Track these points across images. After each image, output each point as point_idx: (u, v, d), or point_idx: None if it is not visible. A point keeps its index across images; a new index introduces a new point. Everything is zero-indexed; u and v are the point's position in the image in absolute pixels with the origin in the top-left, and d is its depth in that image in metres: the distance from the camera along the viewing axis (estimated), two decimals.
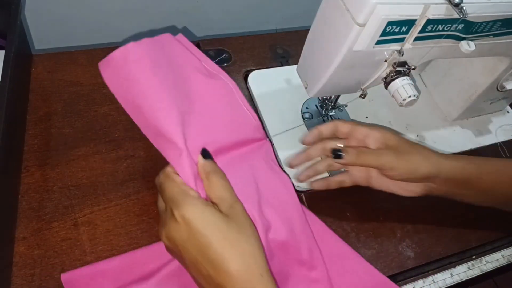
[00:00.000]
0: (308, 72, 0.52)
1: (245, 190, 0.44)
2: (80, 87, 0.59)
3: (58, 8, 0.71)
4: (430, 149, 0.50)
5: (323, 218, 0.54)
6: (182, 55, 0.49)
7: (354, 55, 0.44)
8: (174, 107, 0.41)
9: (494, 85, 0.62)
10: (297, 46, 0.72)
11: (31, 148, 0.52)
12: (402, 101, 0.47)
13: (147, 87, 0.41)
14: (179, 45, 0.49)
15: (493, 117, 0.72)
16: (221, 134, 0.47)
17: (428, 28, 0.43)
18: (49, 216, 0.47)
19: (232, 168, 0.45)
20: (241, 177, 0.46)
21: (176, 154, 0.41)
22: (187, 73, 0.47)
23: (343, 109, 0.64)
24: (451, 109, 0.68)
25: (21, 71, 0.56)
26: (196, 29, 0.86)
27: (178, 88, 0.44)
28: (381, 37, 0.42)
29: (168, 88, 0.42)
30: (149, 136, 0.43)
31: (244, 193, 0.42)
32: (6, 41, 0.50)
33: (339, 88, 0.53)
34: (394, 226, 0.56)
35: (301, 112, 0.63)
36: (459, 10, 0.41)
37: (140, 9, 0.77)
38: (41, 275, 0.44)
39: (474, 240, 0.57)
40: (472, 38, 0.48)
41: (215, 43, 0.70)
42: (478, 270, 0.55)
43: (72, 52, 0.63)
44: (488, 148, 0.68)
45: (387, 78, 0.48)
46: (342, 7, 0.41)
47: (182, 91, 0.45)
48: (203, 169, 0.42)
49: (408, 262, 0.53)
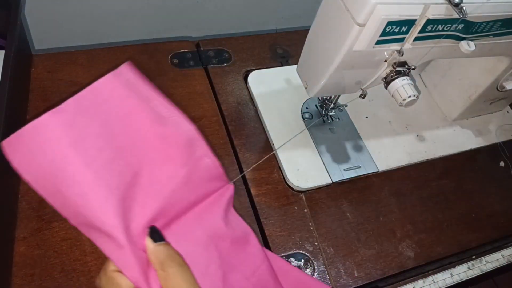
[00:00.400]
0: (308, 72, 0.52)
1: (207, 264, 0.38)
2: (80, 87, 0.59)
3: (58, 8, 0.71)
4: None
5: (323, 218, 0.54)
6: (128, 100, 0.38)
7: (354, 55, 0.44)
8: (109, 190, 0.33)
9: (494, 85, 0.62)
10: (297, 46, 0.72)
11: None
12: (402, 101, 0.47)
13: (70, 173, 0.32)
14: (124, 87, 0.38)
15: (493, 117, 0.72)
16: (176, 195, 0.39)
17: (428, 28, 0.43)
18: (49, 216, 0.47)
19: (189, 235, 0.39)
20: (199, 244, 0.39)
21: (116, 247, 0.33)
22: (134, 124, 0.38)
23: (343, 109, 0.64)
24: (451, 109, 0.68)
25: (21, 71, 0.56)
26: (196, 29, 0.86)
27: (118, 152, 0.36)
28: (381, 37, 0.42)
29: (102, 163, 0.34)
30: (79, 227, 0.35)
31: (206, 267, 0.37)
32: (6, 41, 0.50)
33: (339, 88, 0.52)
34: (394, 226, 0.56)
35: (301, 112, 0.63)
36: (459, 10, 0.41)
37: (140, 9, 0.77)
38: (41, 275, 0.44)
39: (474, 240, 0.57)
40: (472, 38, 0.48)
41: (215, 43, 0.70)
42: (478, 270, 0.55)
43: (72, 52, 0.63)
44: (488, 148, 0.68)
45: (387, 78, 0.48)
46: (342, 7, 0.41)
47: (124, 156, 0.36)
48: (155, 256, 0.33)
49: (408, 262, 0.53)
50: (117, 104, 0.37)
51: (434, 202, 0.60)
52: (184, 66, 0.66)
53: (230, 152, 0.58)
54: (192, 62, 0.66)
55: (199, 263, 0.37)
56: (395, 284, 0.52)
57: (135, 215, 0.34)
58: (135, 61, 0.70)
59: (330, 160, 0.58)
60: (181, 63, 0.66)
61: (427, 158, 0.63)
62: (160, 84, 0.62)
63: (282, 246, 0.51)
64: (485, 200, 0.62)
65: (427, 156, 0.63)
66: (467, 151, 0.66)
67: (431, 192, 0.61)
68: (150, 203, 0.36)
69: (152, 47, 0.67)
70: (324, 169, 0.57)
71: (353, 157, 0.60)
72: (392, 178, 0.60)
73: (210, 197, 0.42)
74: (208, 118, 0.60)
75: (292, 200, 0.55)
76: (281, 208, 0.53)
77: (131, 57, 0.64)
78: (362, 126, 0.64)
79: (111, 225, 0.32)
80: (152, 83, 0.39)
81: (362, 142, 0.62)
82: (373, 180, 0.60)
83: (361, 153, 0.61)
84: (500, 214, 0.61)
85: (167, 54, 0.66)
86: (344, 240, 0.53)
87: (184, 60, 0.66)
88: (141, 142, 0.38)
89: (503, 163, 0.67)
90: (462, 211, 0.60)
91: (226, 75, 0.66)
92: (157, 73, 0.64)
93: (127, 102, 0.37)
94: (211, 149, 0.41)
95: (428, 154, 0.64)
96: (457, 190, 0.62)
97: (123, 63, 0.38)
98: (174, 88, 0.62)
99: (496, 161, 0.67)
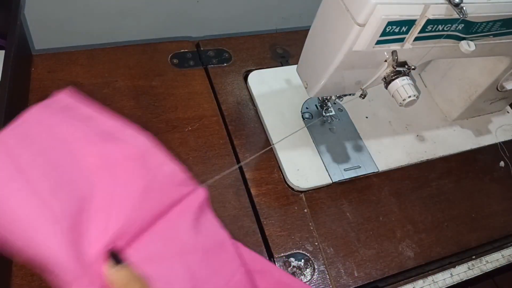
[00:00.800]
0: (308, 72, 0.52)
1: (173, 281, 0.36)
2: (80, 87, 0.59)
3: (58, 8, 0.71)
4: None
5: (323, 218, 0.54)
6: (64, 126, 0.37)
7: (354, 55, 0.44)
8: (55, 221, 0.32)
9: (494, 85, 0.62)
10: (297, 46, 0.72)
11: None
12: (402, 101, 0.47)
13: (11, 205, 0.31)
14: (58, 114, 0.38)
15: (493, 117, 0.72)
16: (137, 210, 0.37)
17: (428, 28, 0.43)
18: None
19: (154, 251, 0.37)
20: (165, 260, 0.38)
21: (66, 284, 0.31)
22: (74, 149, 0.37)
23: (343, 109, 0.64)
24: (451, 109, 0.68)
25: (21, 71, 0.56)
26: (196, 29, 0.86)
27: (61, 180, 0.34)
28: (381, 37, 0.42)
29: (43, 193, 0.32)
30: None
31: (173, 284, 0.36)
32: (6, 41, 0.50)
33: (339, 88, 0.52)
34: (394, 226, 0.56)
35: (301, 112, 0.63)
36: (459, 10, 0.41)
37: (140, 9, 0.77)
38: (41, 275, 0.43)
39: (474, 240, 0.57)
40: (472, 38, 0.48)
41: (215, 43, 0.70)
42: (478, 270, 0.55)
43: (72, 52, 0.63)
44: (488, 148, 0.68)
45: (387, 78, 0.48)
46: (342, 7, 0.41)
47: (68, 183, 0.35)
48: (115, 283, 0.32)
49: (408, 262, 0.53)
50: (52, 132, 0.36)
51: (434, 202, 0.60)
52: (184, 66, 0.66)
53: (230, 152, 0.58)
54: (192, 62, 0.66)
55: (166, 281, 0.36)
56: (395, 284, 0.52)
57: (90, 241, 0.33)
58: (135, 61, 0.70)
59: (330, 160, 0.58)
60: (181, 63, 0.66)
61: (427, 158, 0.63)
62: (160, 84, 0.63)
63: (282, 246, 0.51)
64: (485, 200, 0.62)
65: (427, 156, 0.63)
66: (467, 151, 0.66)
67: (431, 192, 0.61)
68: (108, 225, 0.35)
69: (152, 47, 0.67)
70: (324, 169, 0.57)
71: (353, 157, 0.60)
72: (392, 178, 0.60)
73: (177, 206, 0.41)
74: (208, 118, 0.60)
75: (292, 200, 0.55)
76: (281, 208, 0.53)
77: (131, 57, 0.65)
78: (362, 126, 0.64)
79: (58, 258, 0.30)
80: (99, 103, 0.38)
81: (362, 142, 0.62)
82: (373, 180, 0.60)
83: (361, 153, 0.61)
84: (500, 214, 0.61)
85: (167, 54, 0.66)
86: (344, 240, 0.53)
87: (184, 60, 0.66)
88: (85, 165, 0.36)
89: (503, 163, 0.67)
90: (462, 211, 0.60)
91: (226, 75, 0.66)
92: (157, 73, 0.64)
93: (62, 128, 0.37)
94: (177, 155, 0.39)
95: (428, 154, 0.64)
96: (457, 190, 0.62)
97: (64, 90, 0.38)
98: (174, 88, 0.62)
99: (496, 161, 0.67)
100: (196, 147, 0.57)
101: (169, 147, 0.55)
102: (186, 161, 0.55)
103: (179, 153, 0.56)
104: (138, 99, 0.60)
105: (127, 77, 0.62)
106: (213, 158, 0.56)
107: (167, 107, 0.60)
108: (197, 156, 0.56)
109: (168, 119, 0.59)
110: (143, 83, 0.62)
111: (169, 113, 0.60)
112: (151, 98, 0.60)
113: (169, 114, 0.59)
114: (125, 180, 0.37)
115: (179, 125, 0.59)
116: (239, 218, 0.52)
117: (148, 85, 0.62)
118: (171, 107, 0.60)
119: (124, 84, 0.61)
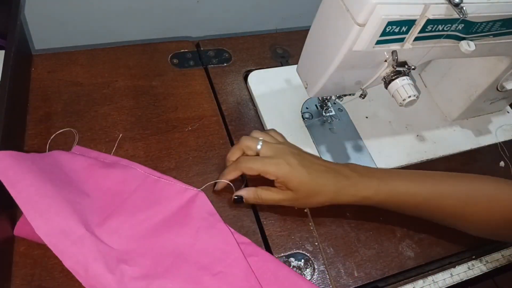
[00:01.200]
0: (308, 72, 0.52)
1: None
2: (80, 87, 0.59)
3: (58, 8, 0.72)
4: (358, 174, 0.50)
5: (323, 218, 0.54)
6: (70, 163, 0.48)
7: (354, 55, 0.44)
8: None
9: (494, 85, 0.62)
10: (297, 46, 0.72)
11: (31, 148, 0.52)
12: (402, 101, 0.47)
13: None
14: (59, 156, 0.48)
15: (493, 117, 0.72)
16: (144, 223, 0.46)
17: (428, 28, 0.43)
18: None
19: (166, 257, 0.44)
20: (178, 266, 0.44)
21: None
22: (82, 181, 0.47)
23: (343, 109, 0.64)
24: (451, 109, 0.68)
25: (21, 71, 0.56)
26: (196, 29, 0.86)
27: (76, 203, 0.43)
28: (381, 37, 0.42)
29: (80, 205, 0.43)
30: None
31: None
32: (6, 41, 0.50)
33: (339, 88, 0.53)
34: (394, 226, 0.56)
35: (301, 112, 0.63)
36: (459, 10, 0.41)
37: (140, 9, 0.77)
38: (41, 275, 0.43)
39: (474, 240, 0.57)
40: (472, 38, 0.48)
41: (215, 43, 0.70)
42: (478, 270, 0.55)
43: (72, 52, 0.63)
44: (488, 148, 0.68)
45: (387, 78, 0.48)
46: (342, 7, 0.41)
47: (81, 204, 0.44)
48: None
49: (408, 262, 0.53)
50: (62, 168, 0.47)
51: None
52: (184, 66, 0.66)
53: None
54: (192, 62, 0.66)
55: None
56: (395, 284, 0.52)
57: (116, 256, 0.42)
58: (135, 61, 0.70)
59: (330, 160, 0.58)
60: (181, 63, 0.66)
61: (427, 158, 0.63)
62: (160, 84, 0.63)
63: (282, 246, 0.51)
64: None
65: (427, 156, 0.63)
66: (467, 151, 0.66)
67: None
68: (122, 235, 0.44)
69: (152, 47, 0.67)
70: None
71: (353, 157, 0.60)
72: None
73: (181, 210, 0.48)
74: (208, 118, 0.60)
75: None
76: (281, 208, 0.53)
77: (131, 57, 0.65)
78: (362, 126, 0.64)
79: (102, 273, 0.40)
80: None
81: (362, 142, 0.62)
82: None
83: (361, 153, 0.61)
84: None
85: (167, 54, 0.66)
86: (344, 240, 0.53)
87: (184, 60, 0.66)
88: (96, 188, 0.47)
89: (503, 163, 0.67)
90: None
91: (226, 75, 0.66)
92: (157, 73, 0.64)
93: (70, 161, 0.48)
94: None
95: (428, 154, 0.64)
96: None
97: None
98: (174, 88, 0.62)
99: (496, 161, 0.67)
100: (196, 147, 0.57)
101: (169, 147, 0.56)
102: (186, 161, 0.55)
103: (179, 153, 0.56)
104: (138, 99, 0.60)
105: (127, 77, 0.62)
106: (213, 158, 0.56)
107: (167, 107, 0.60)
108: (197, 156, 0.56)
109: (168, 119, 0.59)
110: (143, 83, 0.62)
111: (169, 113, 0.60)
112: (151, 98, 0.60)
113: (169, 114, 0.59)
114: (130, 201, 0.47)
115: (179, 125, 0.59)
116: (239, 218, 0.52)
117: (148, 85, 0.62)
118: (171, 107, 0.60)
119: (124, 84, 0.61)
